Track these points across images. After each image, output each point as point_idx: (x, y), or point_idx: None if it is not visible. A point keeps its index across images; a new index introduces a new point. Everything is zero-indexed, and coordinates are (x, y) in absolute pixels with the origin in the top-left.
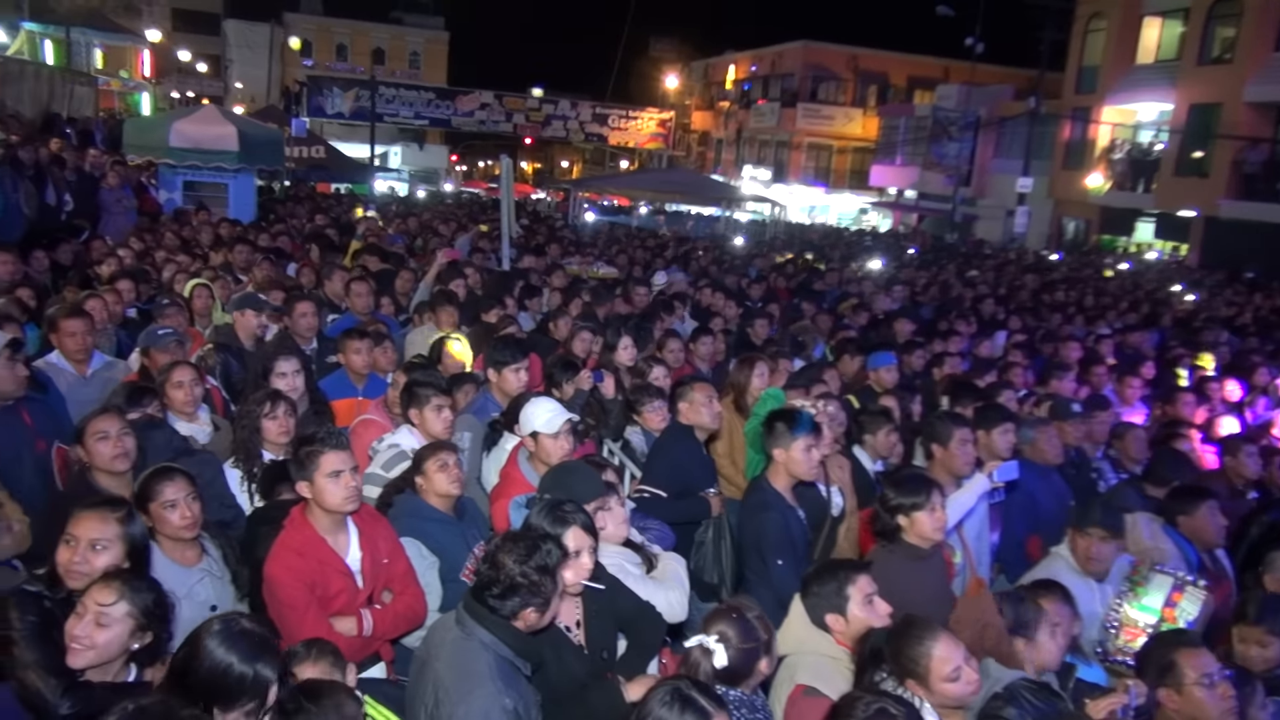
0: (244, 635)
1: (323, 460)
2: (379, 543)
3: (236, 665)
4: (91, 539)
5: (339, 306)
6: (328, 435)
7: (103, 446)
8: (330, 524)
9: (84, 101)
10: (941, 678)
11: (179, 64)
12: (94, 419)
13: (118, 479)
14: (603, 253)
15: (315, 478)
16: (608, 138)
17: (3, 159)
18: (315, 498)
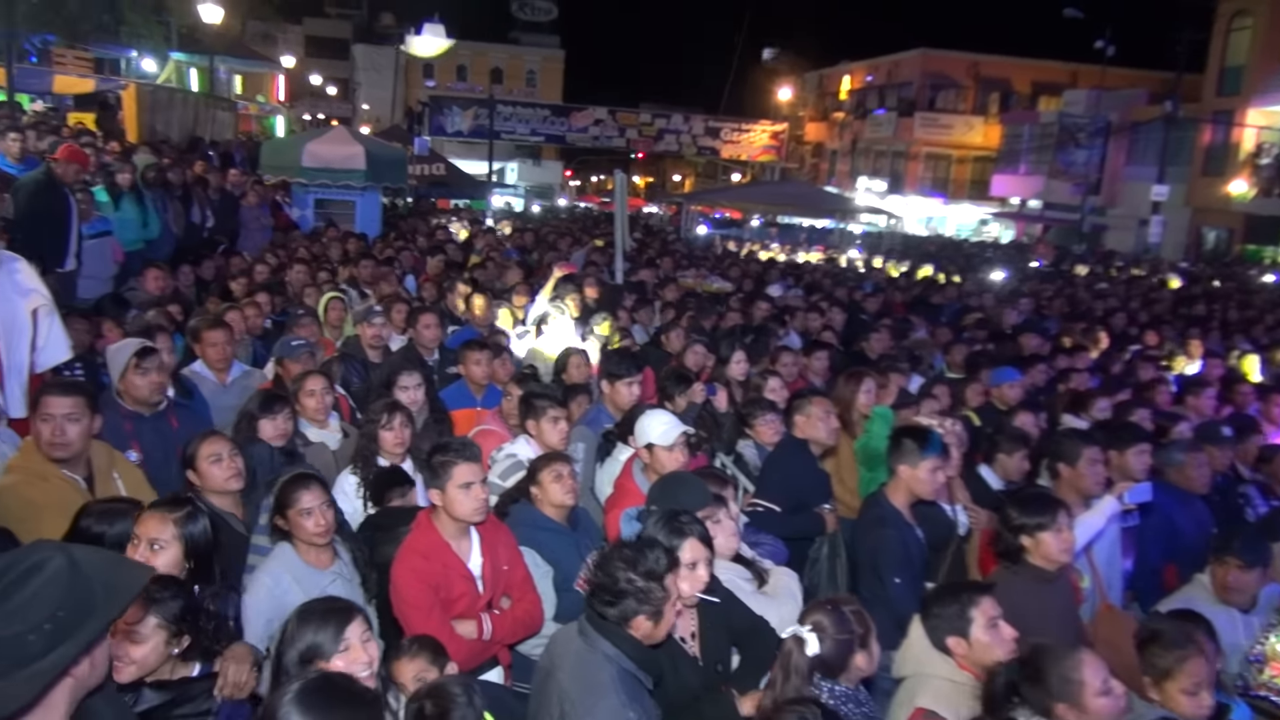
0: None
1: (456, 471)
2: (499, 549)
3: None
4: (151, 538)
5: (459, 319)
6: (462, 447)
7: (216, 469)
8: (455, 530)
9: (225, 125)
10: (1095, 692)
11: (311, 88)
12: (204, 443)
13: (229, 498)
14: (715, 266)
15: (447, 487)
16: (720, 151)
17: (154, 181)
18: (445, 506)
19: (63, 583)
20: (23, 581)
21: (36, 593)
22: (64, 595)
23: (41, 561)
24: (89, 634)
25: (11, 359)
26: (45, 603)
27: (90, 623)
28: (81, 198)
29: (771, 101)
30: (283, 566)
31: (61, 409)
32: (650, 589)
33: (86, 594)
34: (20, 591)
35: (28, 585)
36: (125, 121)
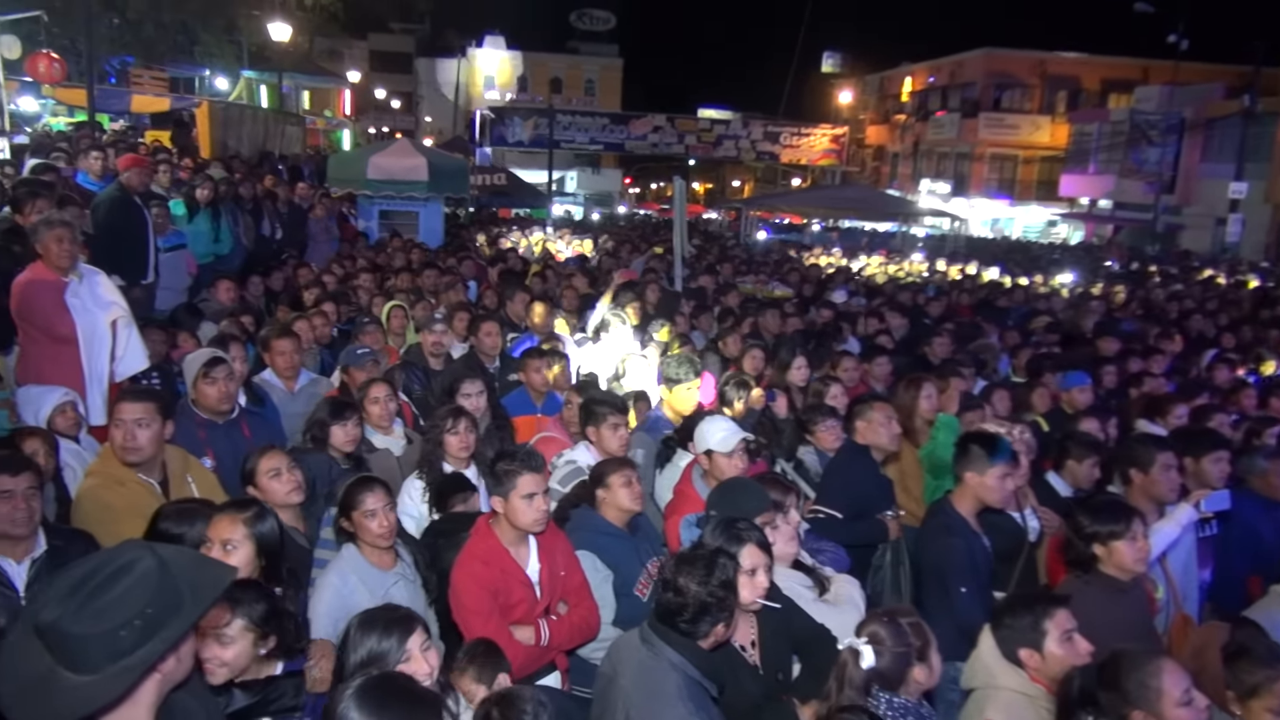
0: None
1: (520, 481)
2: (557, 555)
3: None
4: (223, 539)
5: (519, 326)
6: (527, 456)
7: (276, 484)
8: (514, 536)
9: (294, 140)
10: (1175, 702)
11: (375, 101)
12: (263, 458)
13: (293, 510)
14: (774, 271)
15: (510, 496)
16: (779, 156)
17: (225, 195)
18: (507, 514)
19: (152, 582)
20: (114, 580)
21: (127, 591)
22: (152, 594)
23: (131, 561)
24: (175, 631)
25: (93, 368)
26: (135, 601)
27: (176, 620)
28: (157, 211)
29: (831, 105)
30: (349, 567)
31: (132, 414)
32: (728, 597)
33: (174, 593)
34: (111, 590)
35: (118, 584)
36: (199, 138)
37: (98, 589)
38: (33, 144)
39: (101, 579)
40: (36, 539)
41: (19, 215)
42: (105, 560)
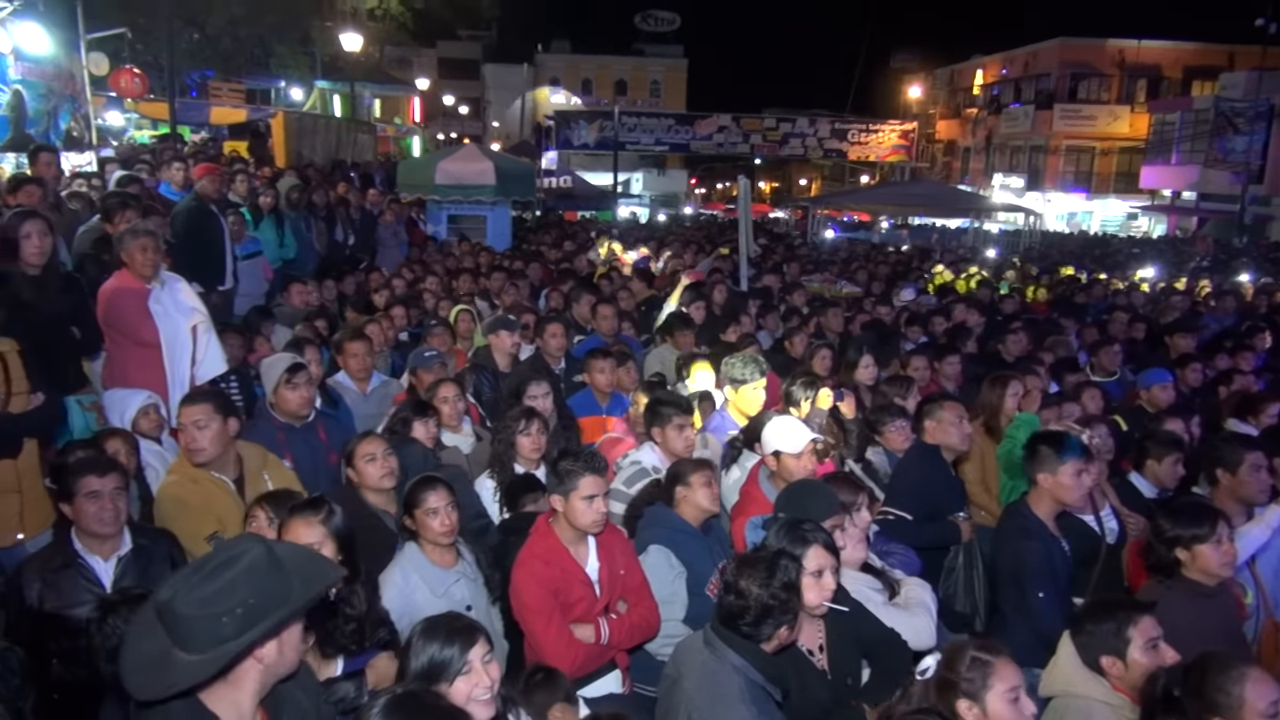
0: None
1: (582, 482)
2: (616, 555)
3: None
4: (305, 543)
5: (585, 328)
6: (590, 458)
7: (371, 467)
8: (573, 535)
9: (365, 147)
10: (1259, 713)
11: (444, 108)
12: (361, 443)
13: (384, 495)
14: (843, 270)
15: (571, 496)
16: (847, 153)
17: (299, 202)
18: (566, 513)
19: (257, 574)
20: (221, 570)
21: (231, 581)
22: (256, 585)
23: (240, 553)
24: (274, 621)
25: (175, 372)
26: (238, 590)
27: (278, 611)
28: (234, 219)
29: (900, 100)
30: (411, 565)
31: (189, 417)
32: (790, 600)
33: (280, 585)
34: (218, 579)
35: (225, 574)
36: (274, 147)
37: (207, 576)
38: (119, 156)
39: (211, 568)
40: (123, 537)
41: (109, 225)
42: (220, 550)
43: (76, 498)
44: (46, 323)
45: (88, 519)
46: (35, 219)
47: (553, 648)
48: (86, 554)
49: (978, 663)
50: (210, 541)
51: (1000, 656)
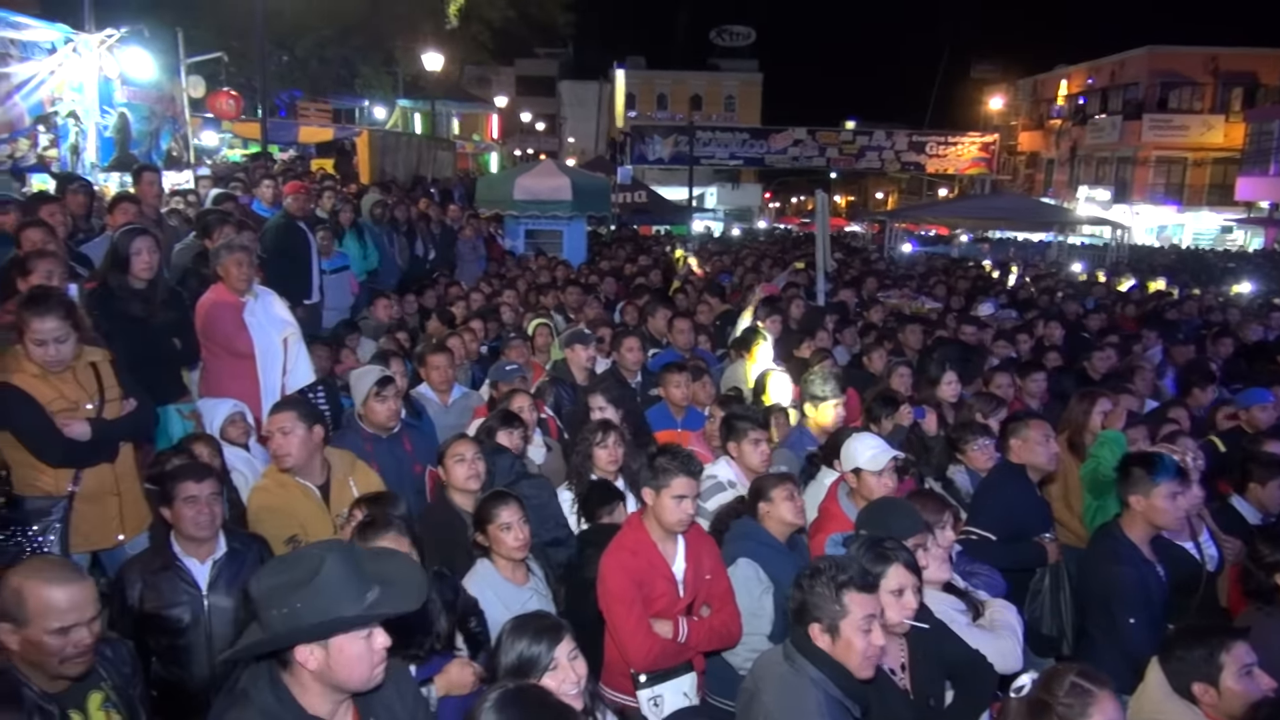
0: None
1: (674, 481)
2: (704, 558)
3: None
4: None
5: (660, 342)
6: (688, 459)
7: (460, 468)
8: (662, 533)
9: (445, 164)
10: None
11: (521, 124)
12: (453, 444)
13: (469, 496)
14: (921, 284)
15: (661, 492)
16: (925, 166)
17: (382, 218)
18: (654, 508)
19: (314, 585)
20: (286, 569)
21: (289, 583)
22: (308, 594)
23: (309, 561)
24: (313, 630)
25: (267, 382)
26: (290, 594)
27: (318, 622)
28: (321, 235)
29: (980, 112)
30: (486, 582)
31: (276, 423)
32: (823, 596)
33: (332, 599)
34: (279, 577)
35: (286, 575)
36: (359, 165)
37: (275, 571)
38: (215, 175)
39: (283, 565)
40: (218, 541)
41: (206, 240)
42: (300, 552)
43: (175, 502)
44: (151, 334)
45: (186, 523)
46: (145, 236)
47: (631, 637)
48: (184, 556)
49: (1078, 689)
50: (288, 544)
51: (1104, 689)
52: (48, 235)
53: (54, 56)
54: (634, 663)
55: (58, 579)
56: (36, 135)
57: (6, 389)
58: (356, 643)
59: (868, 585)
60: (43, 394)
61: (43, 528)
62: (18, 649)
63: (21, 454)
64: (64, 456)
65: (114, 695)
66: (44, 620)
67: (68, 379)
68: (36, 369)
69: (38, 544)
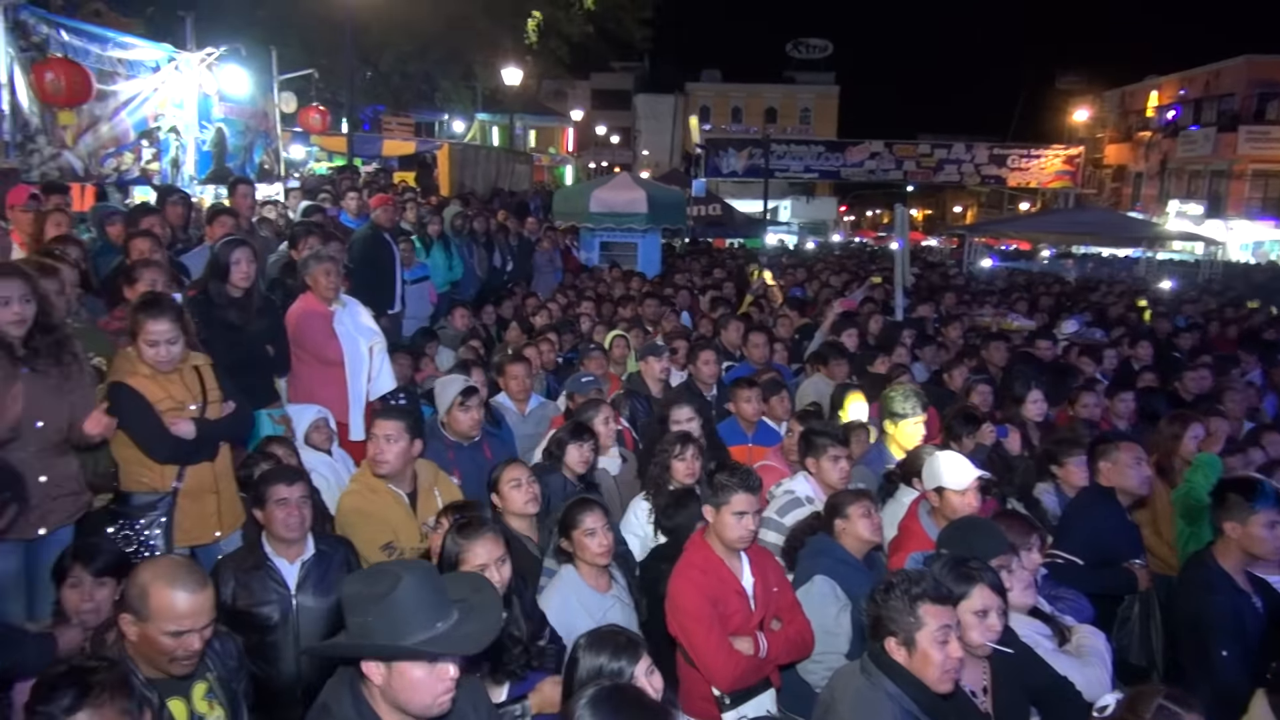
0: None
1: (734, 498)
2: (769, 572)
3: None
4: (496, 558)
5: (734, 355)
6: (746, 475)
7: (516, 493)
8: (726, 550)
9: (522, 177)
10: None
11: (596, 138)
12: (506, 469)
13: (526, 520)
14: (1001, 300)
15: (722, 509)
16: (1006, 179)
17: (461, 229)
18: (715, 526)
19: (369, 603)
20: (367, 582)
21: (367, 596)
22: (380, 611)
23: (388, 578)
24: (377, 648)
25: (355, 389)
26: (365, 607)
27: (381, 642)
28: (404, 246)
29: (1065, 124)
30: (569, 589)
31: (383, 430)
32: (898, 609)
33: (402, 621)
34: (358, 586)
35: (366, 588)
36: (439, 177)
37: (359, 581)
38: (304, 187)
39: (366, 577)
40: (307, 543)
41: (294, 251)
42: (384, 566)
43: (268, 504)
44: (246, 341)
45: (277, 524)
46: (244, 247)
47: (714, 657)
48: (275, 556)
49: (1166, 712)
50: (384, 550)
51: (1191, 713)
52: (155, 245)
53: (158, 74)
54: (719, 683)
55: (182, 584)
56: (140, 149)
57: (120, 388)
58: (419, 668)
59: (942, 596)
60: (152, 394)
61: (149, 522)
62: (134, 640)
63: (130, 451)
64: (170, 454)
65: (218, 687)
66: (162, 621)
67: (175, 380)
68: (147, 370)
69: (144, 538)
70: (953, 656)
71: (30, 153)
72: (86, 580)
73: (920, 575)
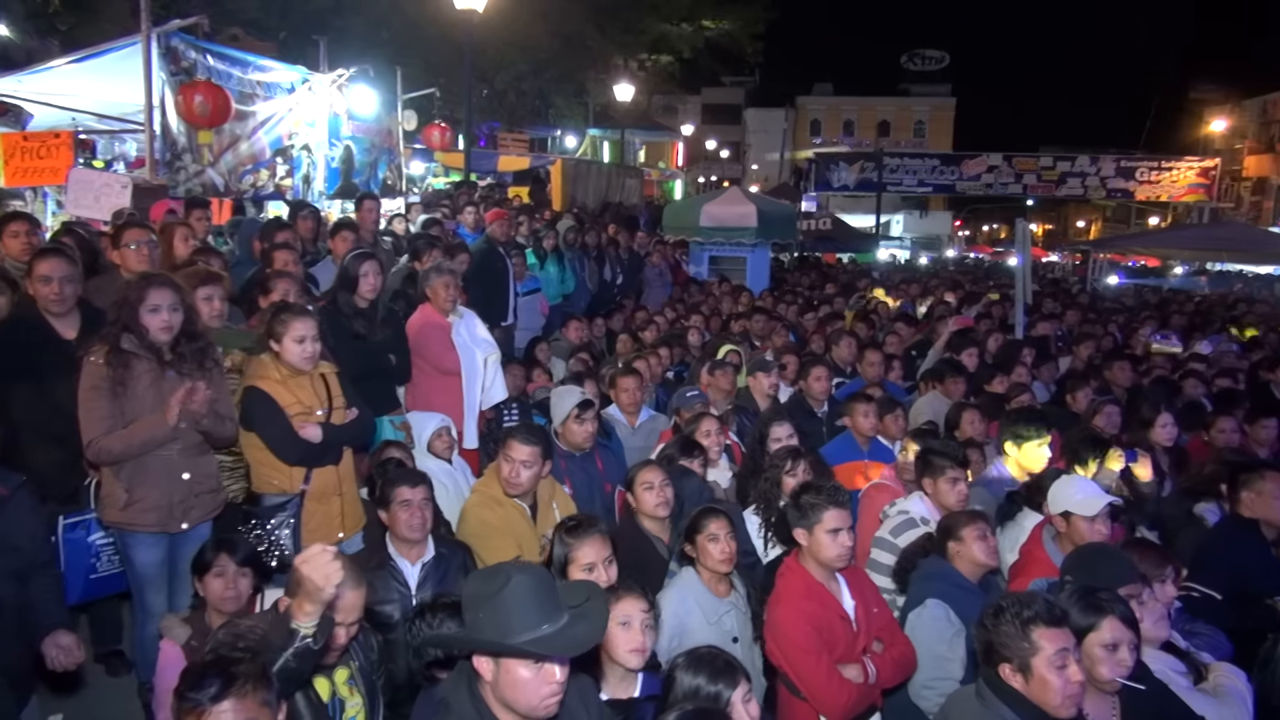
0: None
1: (826, 515)
2: (867, 593)
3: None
4: (604, 557)
5: (845, 371)
6: (834, 491)
7: (649, 495)
8: (823, 572)
9: (632, 191)
10: None
11: (705, 152)
12: (642, 470)
13: (659, 523)
14: (1130, 319)
15: (815, 529)
16: (1134, 193)
17: (573, 243)
18: (810, 548)
19: (480, 599)
20: (482, 580)
21: (479, 594)
22: (490, 609)
23: (500, 577)
24: (483, 644)
25: (470, 398)
26: (477, 604)
27: (489, 638)
28: (516, 260)
29: (1198, 135)
30: (689, 589)
31: (520, 455)
32: (1009, 634)
33: (508, 618)
34: (475, 584)
35: (479, 586)
36: (552, 192)
37: (477, 578)
38: (423, 202)
39: (485, 575)
40: (428, 544)
41: (416, 263)
42: (500, 566)
43: (392, 505)
44: (370, 350)
45: (400, 525)
46: (372, 260)
47: (824, 688)
48: (398, 557)
49: None
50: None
51: None
52: (294, 258)
53: (293, 95)
54: (831, 714)
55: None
56: (275, 166)
57: (255, 392)
58: (524, 668)
59: (1056, 619)
60: (283, 398)
61: (279, 523)
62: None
63: (262, 454)
64: (298, 456)
65: (358, 676)
66: None
67: (304, 386)
68: (279, 375)
69: (274, 538)
70: (1073, 681)
71: (177, 170)
72: (230, 569)
73: (1031, 598)
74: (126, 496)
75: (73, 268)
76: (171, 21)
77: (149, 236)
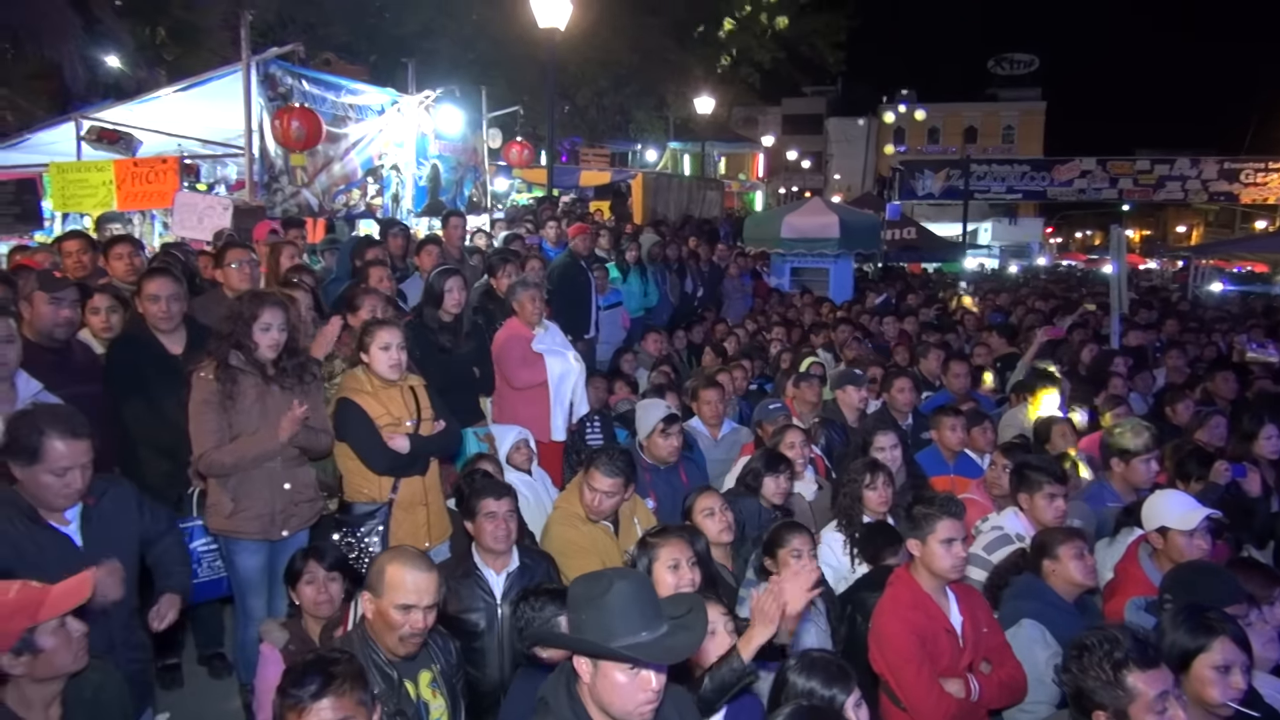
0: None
1: (939, 526)
2: (978, 612)
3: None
4: (688, 556)
5: (932, 383)
6: (947, 501)
7: (710, 522)
8: (934, 585)
9: (712, 203)
10: None
11: (786, 163)
12: (699, 498)
13: (722, 549)
14: (1234, 327)
15: (928, 540)
16: (1239, 196)
17: (655, 256)
18: (924, 558)
19: (580, 602)
20: (585, 583)
21: (581, 596)
22: (594, 611)
23: (604, 580)
24: (580, 645)
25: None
26: (578, 605)
27: (589, 639)
28: (598, 274)
29: None
30: None
31: (604, 486)
32: (1099, 680)
33: (610, 621)
34: (579, 586)
35: (583, 589)
36: (633, 205)
37: (582, 581)
38: (507, 217)
39: (589, 578)
40: (512, 555)
41: (493, 279)
42: (604, 571)
43: (478, 516)
44: (455, 364)
45: (485, 535)
46: (456, 275)
47: (924, 699)
48: (483, 566)
49: None
50: None
51: None
52: (388, 274)
53: (383, 117)
54: None
55: (412, 565)
56: (366, 186)
57: (347, 403)
58: (621, 672)
59: (1150, 660)
60: (373, 410)
61: (368, 530)
62: (371, 618)
63: (352, 463)
64: (387, 466)
65: (440, 678)
66: (393, 595)
67: (394, 398)
68: (370, 388)
69: (364, 545)
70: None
71: (274, 191)
72: (320, 575)
73: (1117, 636)
74: (232, 505)
75: (179, 286)
76: (269, 49)
77: (250, 256)
